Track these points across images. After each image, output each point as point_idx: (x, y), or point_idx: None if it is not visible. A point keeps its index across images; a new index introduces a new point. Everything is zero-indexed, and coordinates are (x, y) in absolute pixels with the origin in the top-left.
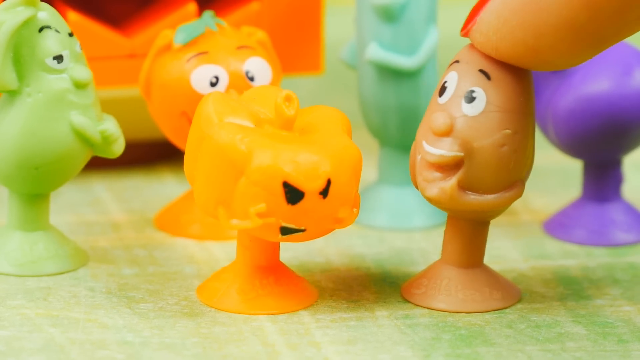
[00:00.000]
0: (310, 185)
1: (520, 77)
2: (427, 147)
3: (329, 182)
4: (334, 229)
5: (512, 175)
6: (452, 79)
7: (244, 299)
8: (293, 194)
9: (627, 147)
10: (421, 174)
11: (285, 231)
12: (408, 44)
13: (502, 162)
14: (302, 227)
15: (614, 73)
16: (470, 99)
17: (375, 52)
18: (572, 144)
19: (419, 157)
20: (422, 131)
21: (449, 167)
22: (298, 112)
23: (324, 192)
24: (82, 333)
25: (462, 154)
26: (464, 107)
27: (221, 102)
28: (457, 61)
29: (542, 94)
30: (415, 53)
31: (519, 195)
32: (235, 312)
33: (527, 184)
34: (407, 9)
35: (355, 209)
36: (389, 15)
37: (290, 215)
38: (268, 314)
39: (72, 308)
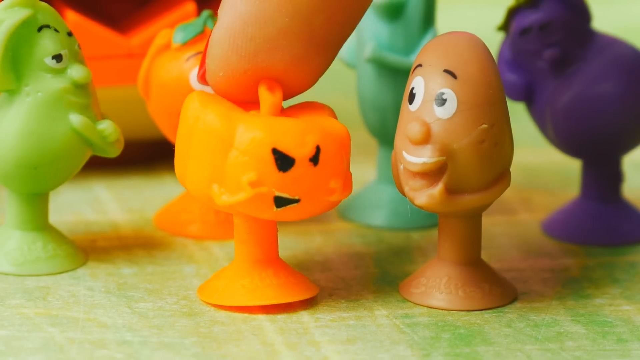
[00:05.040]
0: (299, 152)
1: (485, 69)
2: (408, 157)
3: (318, 150)
4: (328, 201)
5: (497, 167)
6: (418, 84)
7: (245, 292)
8: (283, 161)
9: (626, 147)
10: (407, 184)
11: (279, 202)
12: (407, 43)
13: (484, 158)
14: (296, 197)
15: (614, 73)
16: (442, 102)
17: (374, 51)
18: (571, 143)
19: (401, 166)
20: (399, 141)
21: (433, 172)
22: (281, 97)
23: (314, 159)
24: (81, 332)
25: (444, 158)
26: (436, 111)
27: (206, 95)
28: (420, 65)
29: (541, 93)
30: (414, 52)
31: (507, 185)
32: (236, 304)
33: (526, 183)
34: (406, 9)
35: (348, 184)
36: (388, 14)
37: (282, 183)
38: (268, 303)
39: (71, 307)
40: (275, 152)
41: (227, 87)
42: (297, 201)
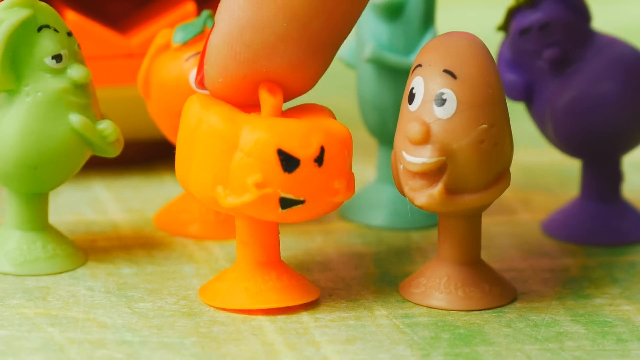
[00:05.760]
0: (304, 152)
1: (485, 69)
2: (408, 157)
3: (322, 151)
4: (332, 202)
5: (497, 168)
6: (418, 84)
7: (247, 295)
8: (289, 162)
9: (626, 147)
10: (407, 184)
11: (284, 203)
12: (406, 43)
13: (484, 158)
14: (301, 198)
15: (613, 73)
16: (441, 102)
17: (374, 51)
18: (571, 143)
19: (401, 166)
20: (399, 141)
21: (432, 173)
22: (282, 99)
23: (319, 160)
24: (81, 332)
25: (443, 158)
26: (436, 111)
27: (206, 98)
28: (419, 65)
29: (541, 93)
30: (414, 52)
31: (507, 185)
32: (239, 307)
33: (526, 183)
34: (406, 9)
35: (351, 185)
36: (388, 14)
37: (288, 184)
38: (271, 307)
39: (71, 307)
40: (280, 153)
41: (227, 92)
42: (302, 202)
